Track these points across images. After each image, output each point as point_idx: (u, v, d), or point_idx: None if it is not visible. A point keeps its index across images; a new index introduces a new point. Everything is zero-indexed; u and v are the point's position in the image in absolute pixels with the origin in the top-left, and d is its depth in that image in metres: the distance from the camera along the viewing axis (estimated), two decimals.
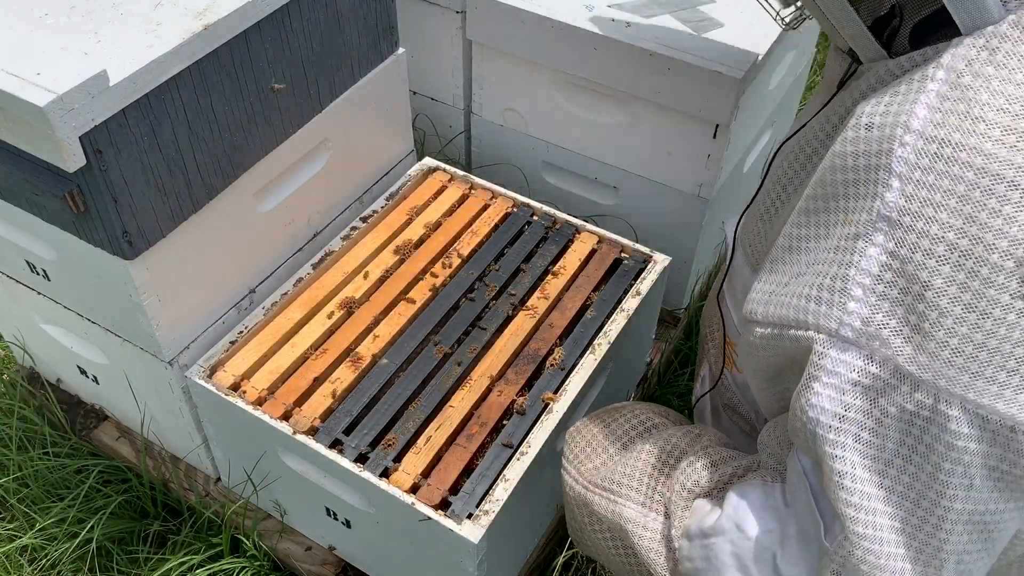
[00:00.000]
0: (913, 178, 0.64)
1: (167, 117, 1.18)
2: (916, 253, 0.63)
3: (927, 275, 0.63)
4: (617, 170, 1.84)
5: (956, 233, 0.62)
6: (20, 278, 1.50)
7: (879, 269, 0.65)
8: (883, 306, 0.65)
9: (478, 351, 1.43)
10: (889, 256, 0.65)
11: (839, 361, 0.67)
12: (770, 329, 0.74)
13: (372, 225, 1.63)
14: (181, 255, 1.32)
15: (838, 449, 0.67)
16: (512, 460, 1.28)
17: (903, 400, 0.65)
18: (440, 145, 2.15)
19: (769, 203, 0.93)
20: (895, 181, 0.64)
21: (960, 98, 0.64)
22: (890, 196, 0.64)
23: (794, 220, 0.76)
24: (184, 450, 1.60)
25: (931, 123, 0.64)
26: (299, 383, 1.37)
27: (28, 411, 1.75)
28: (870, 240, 0.65)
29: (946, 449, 0.65)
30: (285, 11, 1.29)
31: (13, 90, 1.02)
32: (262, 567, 1.56)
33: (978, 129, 0.62)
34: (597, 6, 1.69)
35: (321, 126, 1.49)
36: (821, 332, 0.68)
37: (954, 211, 0.62)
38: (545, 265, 1.58)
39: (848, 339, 0.66)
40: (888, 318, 0.65)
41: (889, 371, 0.65)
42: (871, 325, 0.65)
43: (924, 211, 0.63)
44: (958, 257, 0.62)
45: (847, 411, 0.67)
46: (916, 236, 0.63)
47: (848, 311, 0.66)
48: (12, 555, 1.62)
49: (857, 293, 0.66)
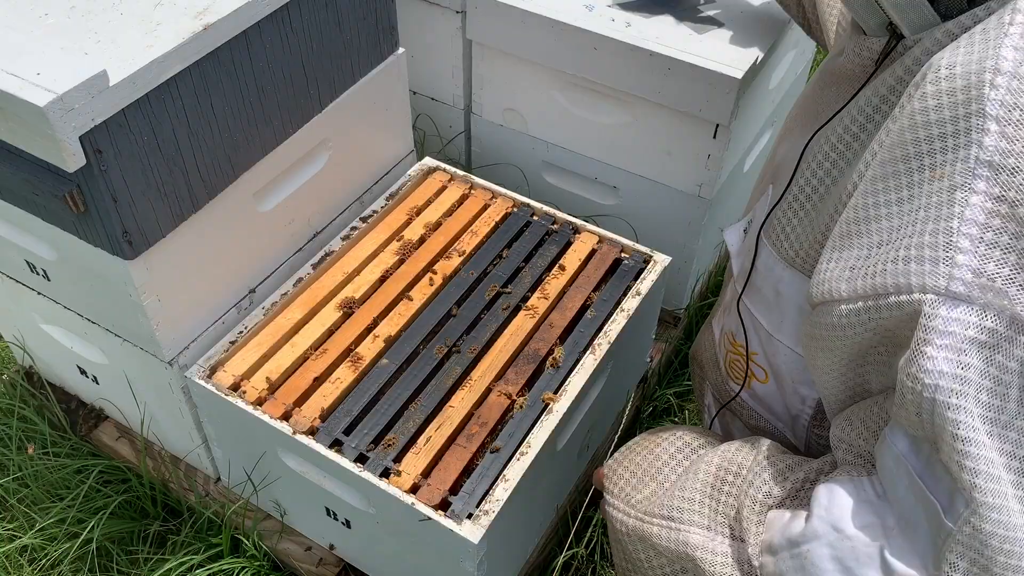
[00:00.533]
0: (1012, 119, 0.61)
1: (167, 117, 1.18)
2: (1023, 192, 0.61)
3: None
4: (617, 170, 1.84)
5: None
6: (20, 278, 1.50)
7: (985, 217, 0.62)
8: (994, 254, 0.62)
9: (478, 351, 1.43)
10: (995, 201, 0.62)
11: (951, 320, 0.63)
12: (862, 303, 0.70)
13: (372, 225, 1.63)
14: (181, 255, 1.32)
15: (961, 414, 0.63)
16: (512, 460, 1.28)
17: (1023, 352, 0.62)
18: (440, 145, 2.15)
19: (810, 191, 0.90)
20: (992, 124, 0.62)
21: None
22: (988, 140, 0.62)
23: (866, 190, 0.72)
24: (184, 450, 1.60)
25: (1022, 63, 0.62)
26: (299, 383, 1.37)
27: (28, 411, 1.75)
28: (971, 189, 0.63)
29: None
30: (285, 11, 1.29)
31: (13, 90, 1.02)
32: (262, 567, 1.56)
33: None
34: (597, 6, 1.69)
35: (321, 126, 1.49)
36: (928, 292, 0.64)
37: None
38: (545, 265, 1.58)
39: (959, 295, 0.62)
40: (1000, 267, 0.62)
41: (1006, 323, 0.62)
42: (983, 276, 0.62)
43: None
44: None
45: (966, 371, 0.63)
46: (1022, 175, 0.61)
47: (957, 264, 0.62)
48: (12, 555, 1.62)
49: (964, 244, 0.62)
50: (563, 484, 1.56)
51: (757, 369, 1.08)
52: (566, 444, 1.43)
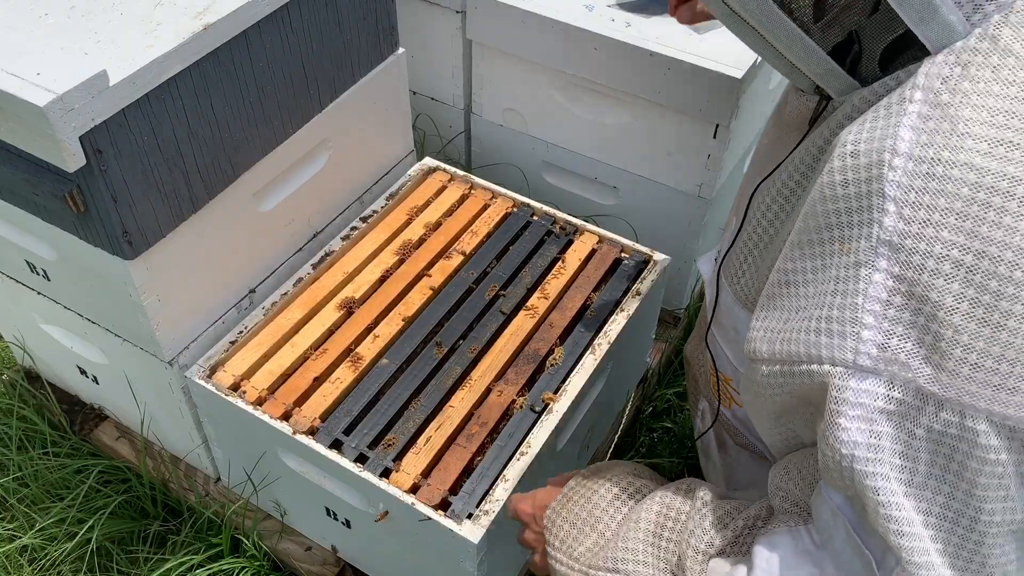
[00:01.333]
0: (909, 200, 0.64)
1: (167, 117, 1.18)
2: (923, 274, 0.63)
3: (937, 295, 0.63)
4: (617, 170, 1.84)
5: (960, 250, 0.62)
6: (20, 278, 1.50)
7: (887, 294, 0.65)
8: (897, 330, 0.65)
9: (478, 351, 1.43)
10: (896, 280, 0.64)
11: (861, 391, 0.66)
12: (778, 366, 0.73)
13: (372, 225, 1.63)
14: (181, 255, 1.32)
15: (879, 480, 0.67)
16: (512, 460, 1.28)
17: (930, 421, 0.65)
18: (440, 145, 2.15)
19: (756, 240, 0.93)
20: (890, 205, 0.64)
21: (943, 116, 0.64)
22: (888, 221, 0.64)
23: (787, 255, 0.75)
24: (184, 450, 1.60)
25: (918, 144, 0.64)
26: (299, 383, 1.37)
27: (28, 411, 1.75)
28: (873, 267, 0.65)
29: (979, 464, 0.65)
30: (285, 11, 1.29)
31: (13, 90, 1.02)
32: (262, 567, 1.56)
33: (966, 145, 0.63)
34: (597, 6, 1.69)
35: (321, 126, 1.49)
36: (837, 365, 0.67)
37: (955, 228, 0.62)
38: (545, 265, 1.58)
39: (867, 367, 0.66)
40: (903, 341, 0.64)
41: (912, 393, 0.65)
42: (887, 350, 0.65)
43: (925, 232, 0.63)
44: (965, 273, 0.62)
45: (879, 440, 0.66)
46: (920, 257, 0.63)
47: (863, 340, 0.65)
48: (12, 555, 1.62)
49: (869, 321, 0.65)
50: None
51: (734, 392, 1.09)
52: (566, 444, 1.43)
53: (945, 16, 0.65)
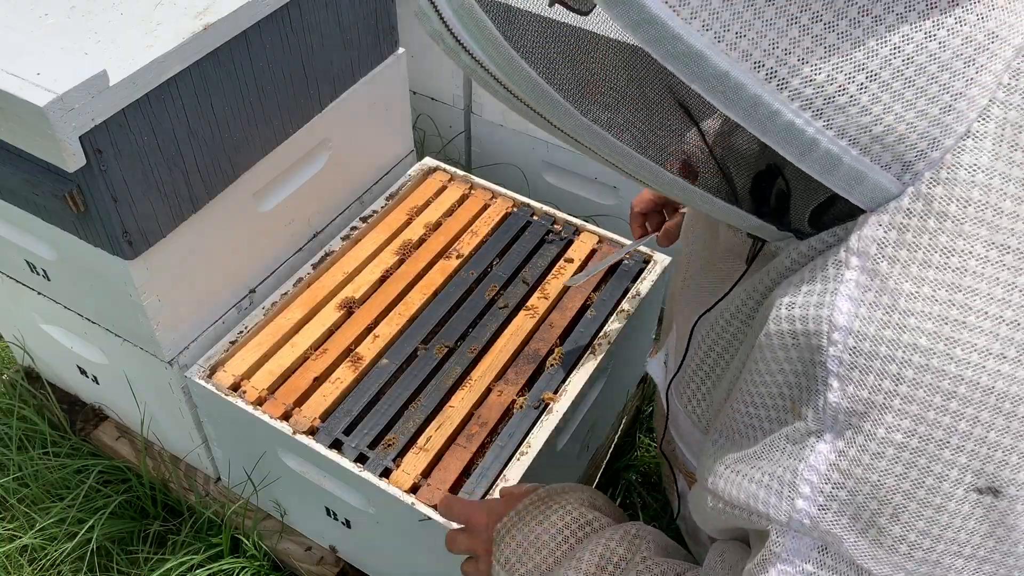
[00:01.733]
0: (852, 379, 0.61)
1: (167, 117, 1.18)
2: (865, 455, 0.61)
3: (878, 476, 0.61)
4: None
5: (904, 434, 0.60)
6: (20, 278, 1.50)
7: (827, 468, 0.63)
8: (832, 506, 0.63)
9: (478, 351, 1.43)
10: (838, 456, 0.63)
11: (794, 551, 0.65)
12: (722, 504, 0.72)
13: (372, 225, 1.63)
14: (181, 255, 1.32)
15: None
16: (512, 460, 1.28)
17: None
18: (440, 145, 2.16)
19: (706, 372, 0.90)
20: (834, 381, 0.62)
21: (881, 289, 0.61)
22: (832, 397, 0.62)
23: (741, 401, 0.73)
24: (184, 450, 1.60)
25: (857, 318, 0.61)
26: (299, 383, 1.37)
27: (28, 411, 1.75)
28: (820, 437, 0.63)
29: None
30: (285, 11, 1.29)
31: (13, 90, 1.02)
32: (262, 567, 1.56)
33: (909, 324, 0.60)
34: None
35: (321, 126, 1.49)
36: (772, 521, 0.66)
37: (900, 412, 0.60)
38: (545, 265, 1.58)
39: (800, 530, 0.64)
40: (838, 517, 0.63)
41: (846, 564, 0.64)
42: (821, 524, 0.63)
43: (870, 413, 0.61)
44: (909, 456, 0.60)
45: None
46: (864, 438, 0.61)
47: (797, 509, 0.64)
48: (12, 555, 1.62)
49: (805, 491, 0.64)
50: None
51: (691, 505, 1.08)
52: (566, 444, 1.43)
53: (874, 180, 0.61)
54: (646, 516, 1.76)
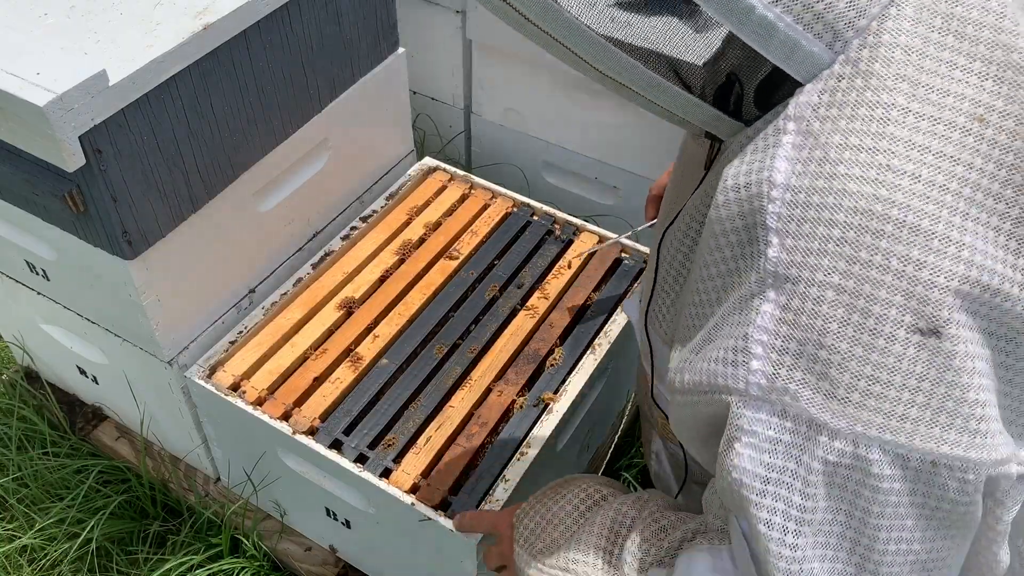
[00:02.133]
0: (790, 231, 0.64)
1: (167, 117, 1.18)
2: (807, 302, 0.63)
3: (822, 322, 0.63)
4: (617, 170, 1.84)
5: (841, 276, 0.62)
6: (20, 278, 1.50)
7: (775, 324, 0.65)
8: (785, 360, 0.64)
9: (478, 351, 1.43)
10: (782, 310, 0.65)
11: (755, 420, 0.66)
12: (688, 396, 0.74)
13: (372, 225, 1.63)
14: (181, 255, 1.31)
15: (764, 512, 0.67)
16: (512, 460, 1.28)
17: (824, 452, 0.65)
18: (440, 145, 2.16)
19: (670, 287, 0.93)
20: (773, 237, 0.65)
21: (814, 145, 0.65)
22: (772, 252, 0.65)
23: (693, 289, 0.76)
24: (184, 450, 1.60)
25: (793, 174, 0.65)
26: (299, 383, 1.37)
27: (28, 411, 1.75)
28: (764, 297, 0.65)
29: (872, 493, 0.64)
30: (285, 11, 1.29)
31: (13, 90, 1.02)
32: (262, 567, 1.56)
33: (839, 172, 0.63)
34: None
35: (321, 126, 1.49)
36: (732, 394, 0.67)
37: (835, 255, 0.63)
38: (545, 265, 1.58)
39: (758, 397, 0.66)
40: (792, 371, 0.64)
41: (805, 424, 0.65)
42: (776, 381, 0.65)
43: (807, 261, 0.63)
44: (848, 299, 0.62)
45: (769, 472, 0.66)
46: (804, 286, 0.64)
47: (752, 371, 0.65)
48: (12, 555, 1.62)
49: (758, 351, 0.65)
50: None
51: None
52: (566, 444, 1.43)
53: (807, 48, 0.66)
54: None
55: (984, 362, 0.64)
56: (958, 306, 0.62)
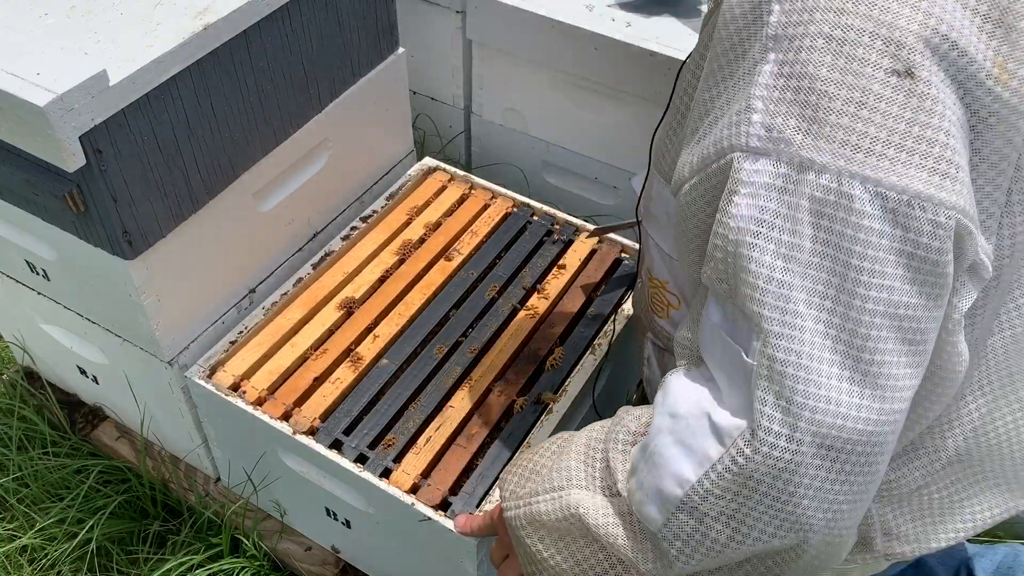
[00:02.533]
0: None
1: (167, 117, 1.18)
2: (800, 53, 0.71)
3: (813, 68, 0.70)
4: (617, 170, 1.84)
5: (831, 26, 0.70)
6: (20, 278, 1.50)
7: (773, 79, 0.72)
8: (781, 108, 0.71)
9: (478, 351, 1.43)
10: (779, 65, 0.72)
11: (752, 171, 0.72)
12: (697, 177, 0.79)
13: (372, 225, 1.63)
14: (181, 255, 1.32)
15: (756, 251, 0.72)
16: (512, 460, 1.28)
17: (811, 189, 0.70)
18: (440, 145, 2.16)
19: (678, 114, 1.00)
20: (775, 5, 0.73)
21: None
22: (773, 19, 0.73)
23: (702, 87, 0.83)
24: (184, 450, 1.60)
25: None
26: (299, 383, 1.37)
27: (28, 411, 1.75)
28: (764, 60, 0.73)
29: (854, 232, 0.69)
30: (285, 11, 1.29)
31: (13, 90, 1.02)
32: (262, 567, 1.56)
33: None
34: (597, 6, 1.69)
35: (321, 126, 1.49)
36: (735, 150, 0.73)
37: (824, 9, 0.70)
38: (545, 265, 1.58)
39: (758, 149, 0.72)
40: (787, 118, 0.71)
41: (796, 166, 0.70)
42: (774, 129, 0.71)
43: (802, 18, 0.71)
44: (836, 46, 0.70)
45: (764, 214, 0.72)
46: (799, 39, 0.71)
47: (753, 123, 0.72)
48: (12, 555, 1.62)
49: (759, 106, 0.72)
50: None
51: (671, 297, 1.13)
52: None
53: None
54: None
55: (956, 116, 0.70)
56: (926, 53, 0.69)
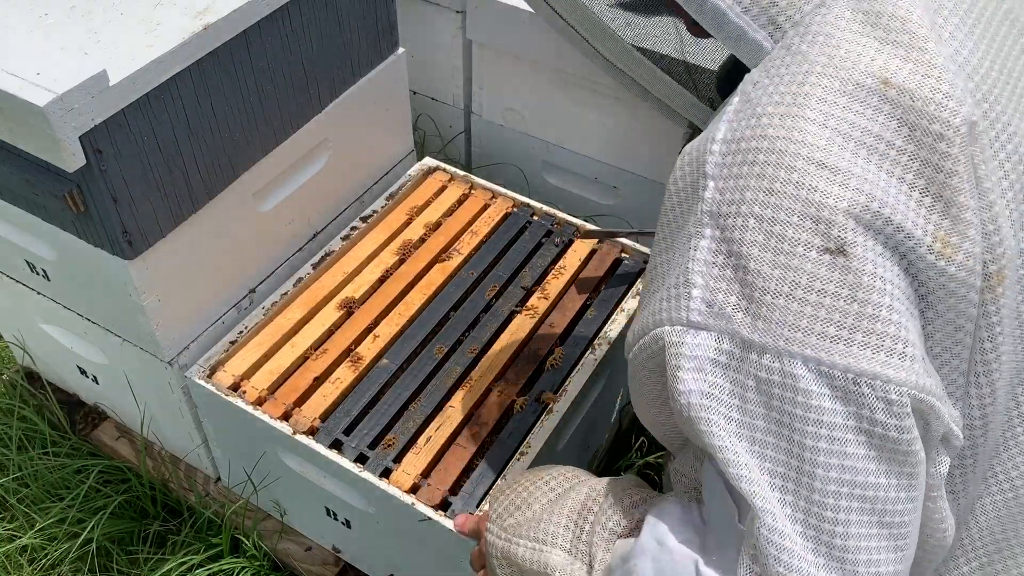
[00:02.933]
0: (721, 174, 0.74)
1: (167, 117, 1.18)
2: (735, 231, 0.72)
3: (746, 248, 0.71)
4: (617, 170, 1.84)
5: (760, 205, 0.71)
6: (20, 278, 1.50)
7: (711, 256, 0.72)
8: (720, 286, 0.72)
9: (478, 351, 1.43)
10: (716, 242, 0.72)
11: (694, 345, 0.72)
12: (640, 342, 0.79)
13: (372, 225, 1.63)
14: (181, 255, 1.32)
15: (714, 427, 0.71)
16: (512, 460, 1.28)
17: (755, 369, 0.70)
18: (440, 145, 2.16)
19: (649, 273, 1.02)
20: (710, 182, 0.74)
21: (746, 104, 0.76)
22: (708, 194, 0.74)
23: (652, 252, 0.85)
24: (184, 450, 1.60)
25: (730, 130, 0.75)
26: (299, 383, 1.37)
27: (28, 411, 1.75)
28: (701, 235, 0.74)
29: (803, 412, 0.68)
30: (285, 11, 1.29)
31: (13, 90, 1.02)
32: (262, 567, 1.56)
33: (761, 122, 0.73)
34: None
35: (321, 126, 1.49)
36: (675, 324, 0.74)
37: (756, 188, 0.71)
38: (545, 265, 1.58)
39: (698, 323, 0.72)
40: (727, 296, 0.71)
41: (738, 344, 0.70)
42: (714, 306, 0.71)
43: (734, 196, 0.72)
44: (767, 226, 0.70)
45: (711, 389, 0.71)
46: (732, 218, 0.72)
47: (693, 298, 0.73)
48: (12, 555, 1.62)
49: (698, 281, 0.73)
50: None
51: None
52: (566, 444, 1.43)
53: (753, 38, 0.79)
54: None
55: (898, 289, 0.69)
56: (859, 230, 0.69)
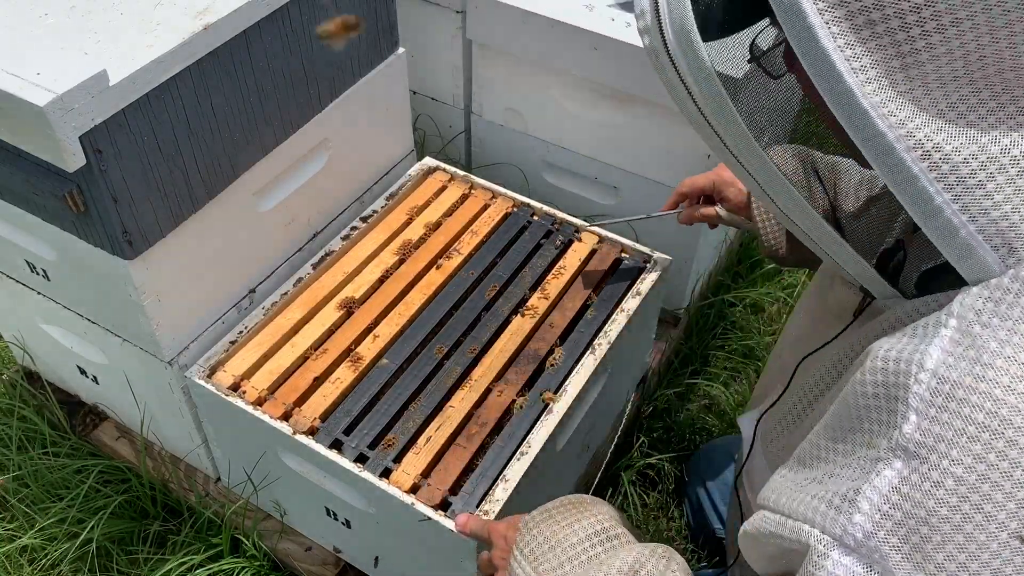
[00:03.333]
0: (928, 415, 0.68)
1: (167, 117, 1.18)
2: (926, 482, 0.67)
3: (933, 503, 0.67)
4: (617, 170, 1.84)
5: (965, 469, 0.66)
6: (20, 278, 1.50)
7: (889, 490, 0.69)
8: (886, 524, 0.68)
9: (478, 351, 1.43)
10: (901, 481, 0.69)
11: (839, 564, 0.69)
12: (778, 516, 0.77)
13: (372, 225, 1.63)
14: (181, 255, 1.32)
15: None
16: (512, 460, 1.28)
17: None
18: (440, 145, 2.16)
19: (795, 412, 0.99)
20: (912, 415, 0.69)
21: (970, 345, 0.69)
22: (907, 428, 0.69)
23: (821, 432, 0.80)
24: (184, 450, 1.60)
25: (944, 364, 0.69)
26: (299, 383, 1.37)
27: (28, 411, 1.75)
28: (889, 464, 0.70)
29: None
30: (285, 11, 1.29)
31: (13, 90, 1.02)
32: (262, 567, 1.56)
33: (988, 375, 0.67)
34: (597, 6, 1.69)
35: (321, 126, 1.49)
36: (825, 533, 0.71)
37: (964, 449, 0.67)
38: (545, 265, 1.58)
39: (850, 546, 0.69)
40: (890, 535, 0.68)
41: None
42: (873, 539, 0.68)
43: (938, 447, 0.67)
44: (965, 491, 0.66)
45: None
46: (928, 467, 0.67)
47: (854, 521, 0.69)
48: (12, 555, 1.63)
49: (865, 507, 0.69)
50: (563, 484, 1.56)
51: None
52: (566, 444, 1.43)
53: (982, 256, 0.71)
54: (644, 515, 1.76)
55: None
56: None
